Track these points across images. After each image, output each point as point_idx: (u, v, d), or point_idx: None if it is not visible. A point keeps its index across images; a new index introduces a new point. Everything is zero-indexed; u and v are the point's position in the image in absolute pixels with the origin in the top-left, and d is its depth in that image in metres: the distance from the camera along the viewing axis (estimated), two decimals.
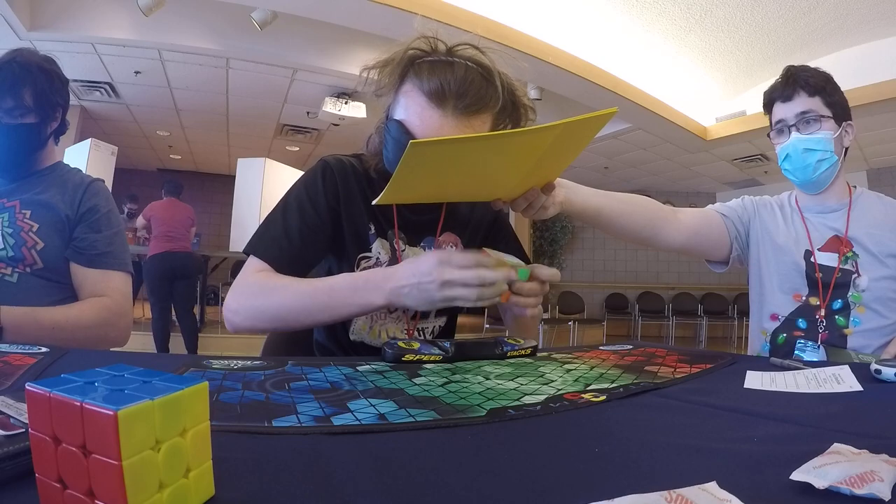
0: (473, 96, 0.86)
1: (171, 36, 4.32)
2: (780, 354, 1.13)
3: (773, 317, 1.26)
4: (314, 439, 0.45)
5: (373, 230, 1.02)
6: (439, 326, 1.10)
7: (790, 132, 1.21)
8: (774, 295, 1.26)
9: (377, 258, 1.02)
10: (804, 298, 1.22)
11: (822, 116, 1.19)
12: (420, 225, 1.06)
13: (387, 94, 0.93)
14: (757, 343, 1.30)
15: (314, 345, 1.12)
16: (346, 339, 1.04)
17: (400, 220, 1.04)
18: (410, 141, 0.66)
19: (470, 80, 0.86)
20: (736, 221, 1.34)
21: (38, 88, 1.15)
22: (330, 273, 1.05)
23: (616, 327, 8.07)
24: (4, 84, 1.11)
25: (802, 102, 1.20)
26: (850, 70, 4.16)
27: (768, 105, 1.28)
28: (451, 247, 1.08)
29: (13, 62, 1.13)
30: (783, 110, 1.23)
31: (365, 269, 1.01)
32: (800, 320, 1.21)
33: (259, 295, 0.88)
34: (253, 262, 0.93)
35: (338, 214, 1.00)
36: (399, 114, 0.90)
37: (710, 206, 1.40)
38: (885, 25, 4.20)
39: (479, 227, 1.15)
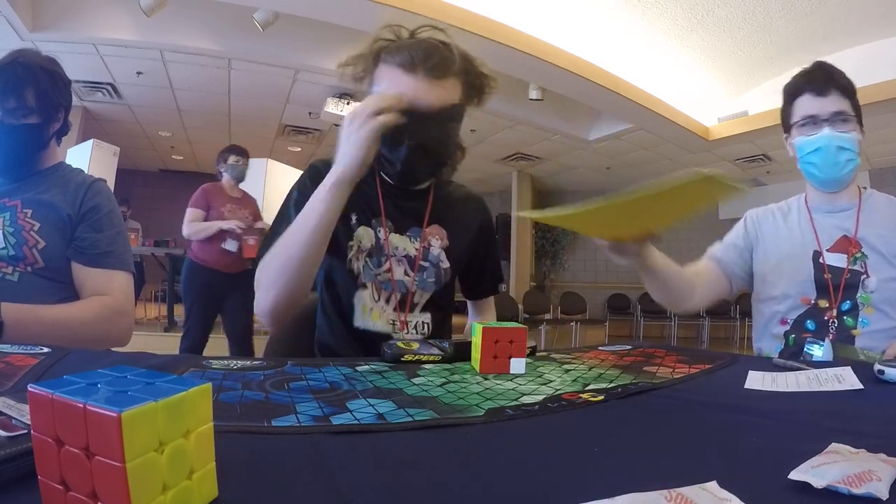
0: (438, 59, 0.97)
1: (172, 37, 4.32)
2: (788, 355, 1.13)
3: (783, 321, 1.25)
4: (314, 439, 0.45)
5: (354, 220, 1.07)
6: (423, 322, 1.11)
7: (822, 126, 1.19)
8: (782, 301, 1.25)
9: (358, 245, 1.07)
10: (812, 301, 1.21)
11: (853, 117, 1.19)
12: (407, 213, 1.11)
13: (364, 79, 1.03)
14: (766, 347, 1.29)
15: (315, 344, 1.13)
16: (351, 328, 1.07)
17: (387, 209, 1.09)
18: (525, 216, 0.83)
19: (433, 47, 0.98)
20: (736, 259, 1.33)
21: (40, 89, 1.15)
22: (329, 272, 1.10)
23: (618, 328, 8.06)
24: (7, 84, 1.11)
25: (837, 101, 1.19)
26: (853, 70, 4.10)
27: (795, 94, 1.24)
28: (437, 239, 1.13)
29: (16, 63, 1.13)
30: (816, 104, 1.20)
31: (354, 256, 1.07)
32: (808, 322, 1.21)
33: (263, 272, 0.97)
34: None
35: None
36: (375, 90, 1.00)
37: (711, 250, 1.38)
38: (887, 25, 4.19)
39: (469, 226, 1.18)
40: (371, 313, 1.07)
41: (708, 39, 4.52)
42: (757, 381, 0.73)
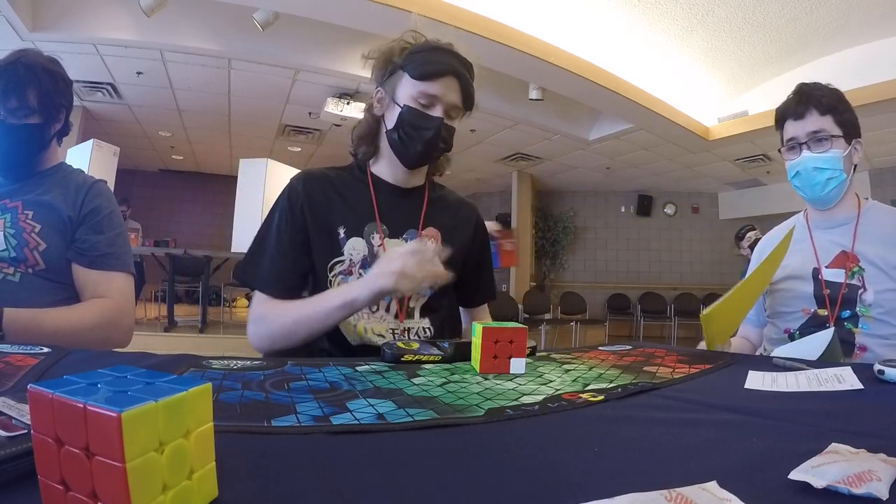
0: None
1: (172, 37, 4.32)
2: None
3: (786, 331, 1.28)
4: (314, 439, 0.45)
5: (342, 234, 1.08)
6: (424, 328, 1.11)
7: (801, 150, 1.24)
8: (783, 316, 1.29)
9: (350, 259, 1.07)
10: (812, 311, 1.25)
11: (833, 136, 1.21)
12: (403, 215, 1.13)
13: (386, 76, 1.09)
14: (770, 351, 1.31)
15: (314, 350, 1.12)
16: (347, 345, 1.06)
17: (382, 212, 1.11)
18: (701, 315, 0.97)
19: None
20: (757, 307, 1.40)
21: (42, 89, 1.15)
22: (314, 289, 1.10)
23: (618, 328, 8.06)
24: (9, 85, 1.11)
25: (814, 121, 1.22)
26: (853, 70, 4.14)
27: (780, 121, 1.30)
28: (432, 241, 1.13)
29: (18, 63, 1.13)
30: (795, 128, 1.25)
31: (339, 273, 1.07)
32: (811, 329, 1.22)
33: (267, 321, 1.03)
34: (257, 296, 1.07)
35: (306, 223, 1.07)
36: (406, 101, 1.06)
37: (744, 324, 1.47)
38: (887, 26, 4.18)
39: (463, 229, 1.20)
40: (355, 329, 1.06)
41: (708, 39, 4.51)
42: (757, 380, 0.73)
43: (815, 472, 0.35)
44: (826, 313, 1.22)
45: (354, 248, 1.07)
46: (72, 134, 2.33)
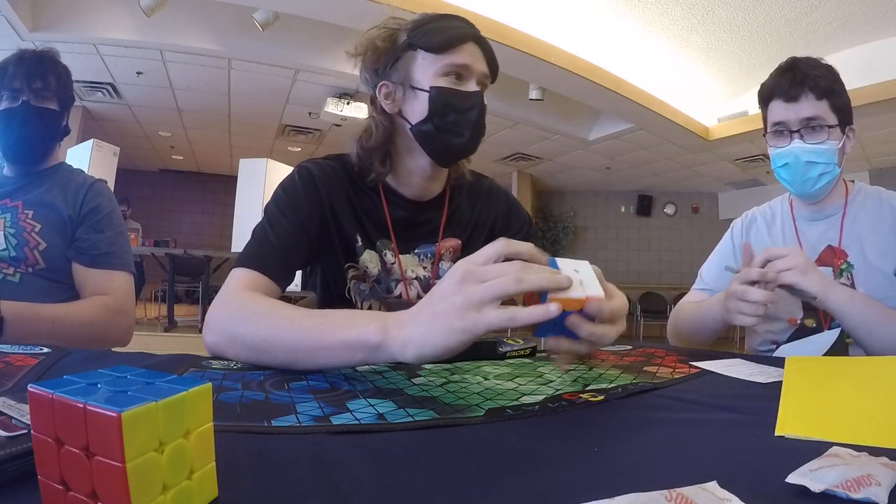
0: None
1: (172, 36, 4.32)
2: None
3: (773, 342, 1.18)
4: (314, 439, 0.45)
5: (360, 242, 0.96)
6: None
7: (791, 138, 1.11)
8: (771, 323, 1.17)
9: (365, 269, 0.97)
10: (799, 321, 1.14)
11: (829, 126, 1.08)
12: (417, 230, 1.01)
13: (390, 64, 0.92)
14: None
15: None
16: None
17: (395, 227, 0.98)
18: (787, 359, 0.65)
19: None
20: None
21: (60, 78, 1.21)
22: (325, 282, 1.00)
23: None
24: (33, 67, 1.16)
25: (809, 106, 1.08)
26: (853, 70, 4.14)
27: (766, 99, 1.16)
28: (450, 252, 1.02)
29: (37, 51, 1.19)
30: (786, 111, 1.11)
31: (354, 277, 0.97)
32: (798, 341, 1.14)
33: (236, 315, 0.74)
34: (236, 273, 0.82)
35: (325, 218, 0.94)
36: (433, 81, 0.89)
37: (705, 278, 1.31)
38: (888, 25, 4.19)
39: (484, 227, 1.08)
40: None
41: (708, 39, 4.52)
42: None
43: (813, 475, 0.35)
44: (814, 324, 1.12)
45: (370, 259, 0.97)
46: (72, 134, 2.33)
